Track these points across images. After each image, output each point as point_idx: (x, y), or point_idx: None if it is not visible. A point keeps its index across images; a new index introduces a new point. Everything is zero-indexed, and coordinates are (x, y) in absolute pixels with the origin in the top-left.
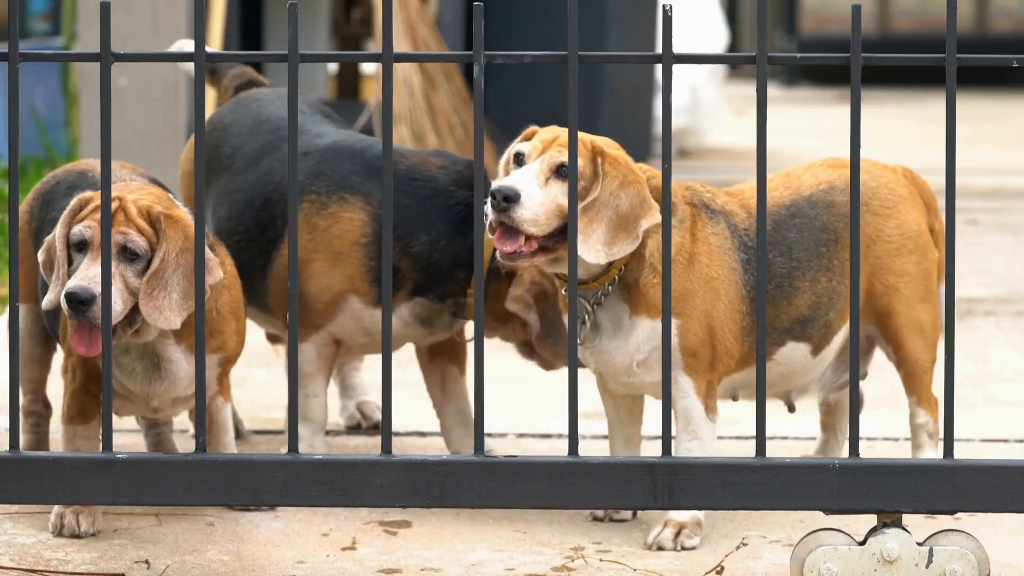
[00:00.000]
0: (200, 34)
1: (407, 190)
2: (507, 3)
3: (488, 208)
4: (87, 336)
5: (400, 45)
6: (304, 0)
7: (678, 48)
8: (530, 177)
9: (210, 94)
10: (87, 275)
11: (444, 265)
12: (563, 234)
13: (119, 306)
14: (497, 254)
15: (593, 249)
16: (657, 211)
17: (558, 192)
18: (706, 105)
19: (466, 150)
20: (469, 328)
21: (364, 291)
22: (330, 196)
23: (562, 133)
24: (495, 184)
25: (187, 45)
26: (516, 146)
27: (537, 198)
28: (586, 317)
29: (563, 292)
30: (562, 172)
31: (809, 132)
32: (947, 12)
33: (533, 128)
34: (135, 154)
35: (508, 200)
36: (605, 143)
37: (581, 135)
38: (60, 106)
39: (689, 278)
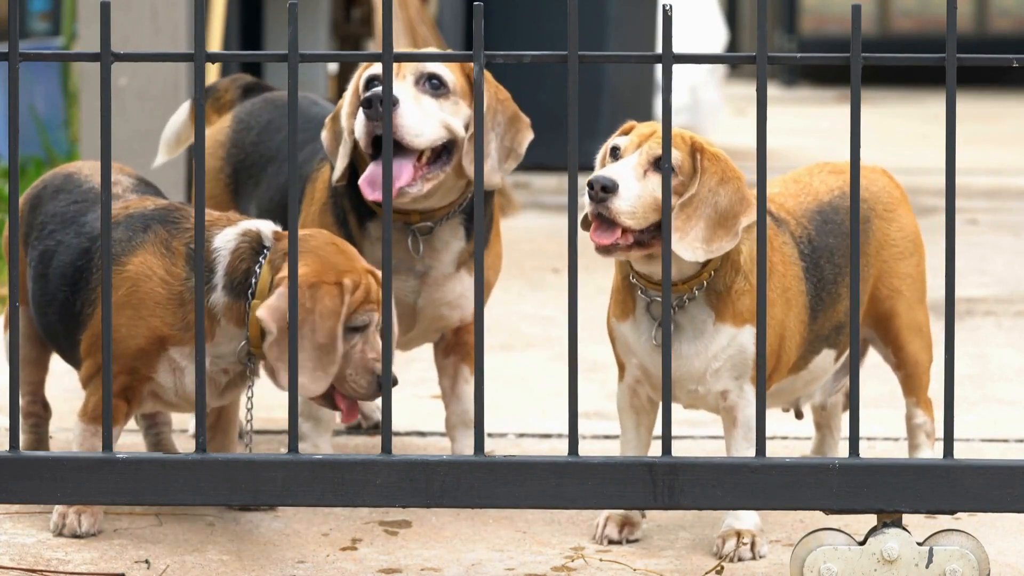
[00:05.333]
0: (200, 34)
1: None
2: (507, 3)
3: (585, 200)
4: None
5: (400, 45)
6: (304, 0)
7: (678, 48)
8: (628, 169)
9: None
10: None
11: None
12: (659, 229)
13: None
14: (594, 247)
15: (691, 247)
16: (754, 209)
17: (656, 186)
18: (706, 105)
19: None
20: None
21: None
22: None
23: (659, 128)
24: (593, 175)
25: (171, 125)
26: (613, 140)
27: (635, 190)
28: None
29: (642, 294)
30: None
31: (809, 132)
32: (947, 12)
33: (631, 123)
34: (135, 154)
35: (606, 190)
36: (704, 140)
37: (679, 130)
38: (60, 106)
39: (770, 287)
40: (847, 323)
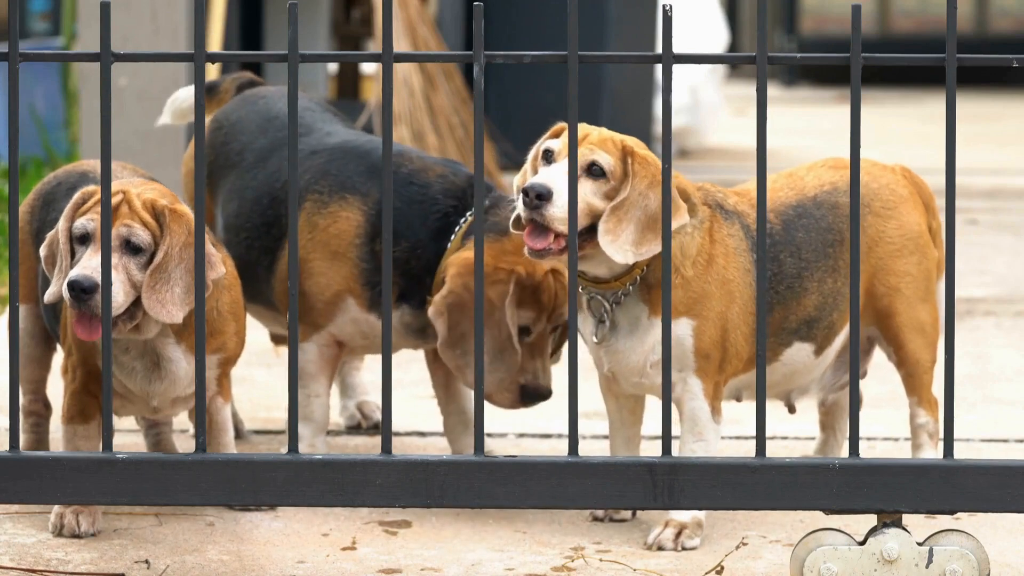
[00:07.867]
0: (200, 34)
1: (402, 194)
2: (507, 3)
3: (519, 205)
4: (88, 323)
5: (400, 45)
6: (304, 0)
7: (678, 48)
8: (562, 175)
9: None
10: (89, 265)
11: (419, 271)
12: (592, 232)
13: (121, 298)
14: (526, 250)
15: (621, 249)
16: (685, 211)
17: (588, 191)
18: (706, 105)
19: (466, 150)
20: None
21: (358, 293)
22: (331, 196)
23: (592, 131)
24: (528, 181)
25: (186, 92)
26: (545, 142)
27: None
28: (604, 316)
29: (581, 290)
30: (593, 171)
31: (809, 132)
32: (947, 12)
33: (561, 124)
34: (135, 154)
35: (541, 198)
36: (635, 143)
37: (611, 134)
38: (60, 106)
39: (707, 280)
40: (821, 318)
